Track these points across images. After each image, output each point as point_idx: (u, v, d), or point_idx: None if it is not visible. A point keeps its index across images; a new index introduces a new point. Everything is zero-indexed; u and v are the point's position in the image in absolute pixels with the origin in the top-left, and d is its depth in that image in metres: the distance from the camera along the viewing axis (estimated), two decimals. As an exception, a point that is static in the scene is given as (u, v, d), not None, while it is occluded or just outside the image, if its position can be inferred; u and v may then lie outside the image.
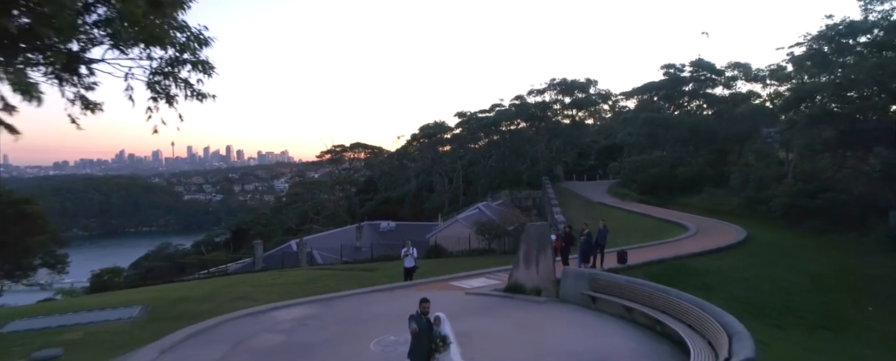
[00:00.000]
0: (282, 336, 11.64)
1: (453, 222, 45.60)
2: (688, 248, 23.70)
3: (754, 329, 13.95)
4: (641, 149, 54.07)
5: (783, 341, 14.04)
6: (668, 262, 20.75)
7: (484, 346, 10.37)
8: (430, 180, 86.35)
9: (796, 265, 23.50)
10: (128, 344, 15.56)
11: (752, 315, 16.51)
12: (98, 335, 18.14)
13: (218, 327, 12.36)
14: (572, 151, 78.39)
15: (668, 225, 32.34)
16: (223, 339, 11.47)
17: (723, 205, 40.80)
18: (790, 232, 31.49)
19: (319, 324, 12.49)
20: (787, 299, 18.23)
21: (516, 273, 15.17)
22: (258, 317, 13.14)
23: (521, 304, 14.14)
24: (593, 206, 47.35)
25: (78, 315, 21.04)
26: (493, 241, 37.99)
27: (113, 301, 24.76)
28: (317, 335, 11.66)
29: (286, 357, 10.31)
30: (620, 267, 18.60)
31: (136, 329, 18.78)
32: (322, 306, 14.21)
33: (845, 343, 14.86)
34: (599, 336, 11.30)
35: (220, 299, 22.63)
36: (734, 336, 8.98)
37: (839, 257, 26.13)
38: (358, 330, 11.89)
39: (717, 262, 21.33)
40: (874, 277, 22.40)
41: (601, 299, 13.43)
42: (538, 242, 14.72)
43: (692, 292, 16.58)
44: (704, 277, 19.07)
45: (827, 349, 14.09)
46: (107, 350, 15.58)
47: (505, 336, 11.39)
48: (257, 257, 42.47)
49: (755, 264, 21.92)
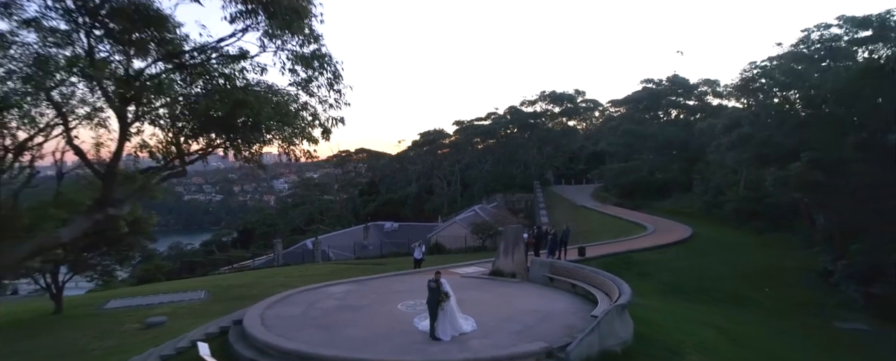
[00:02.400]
0: (336, 302, 17.27)
1: (452, 223, 51.26)
2: (640, 244, 29.46)
3: (670, 302, 19.95)
4: (622, 158, 59.88)
5: (686, 309, 19.75)
6: (621, 255, 26.49)
7: (474, 308, 15.92)
8: (429, 183, 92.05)
9: (728, 258, 29.22)
10: (209, 315, 21.21)
11: (673, 294, 22.31)
12: (181, 309, 23.86)
13: (291, 297, 17.97)
14: (563, 157, 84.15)
15: (633, 225, 38.06)
16: (298, 303, 17.08)
17: (687, 208, 46.65)
18: (737, 232, 37.27)
19: (360, 295, 18.13)
20: (704, 283, 23.95)
21: (498, 261, 20.87)
22: (316, 291, 18.79)
23: (500, 283, 19.80)
24: (577, 209, 53.10)
25: (157, 297, 26.76)
26: (487, 240, 43.61)
27: (176, 288, 30.46)
28: (360, 300, 17.30)
29: (344, 313, 15.92)
30: (580, 258, 24.34)
31: (209, 306, 24.50)
32: (358, 284, 19.88)
33: (731, 311, 20.54)
34: (550, 302, 16.92)
35: (263, 286, 28.30)
36: (623, 293, 14.68)
37: (768, 252, 31.86)
38: (388, 298, 17.51)
39: (658, 255, 27.09)
40: (786, 268, 28.11)
41: (556, 279, 19.11)
42: (513, 239, 20.42)
43: (631, 277, 22.52)
44: (644, 266, 24.81)
45: (705, 309, 19.80)
46: (195, 319, 21.26)
47: (488, 302, 16.96)
48: (277, 254, 47.92)
49: (689, 257, 27.66)
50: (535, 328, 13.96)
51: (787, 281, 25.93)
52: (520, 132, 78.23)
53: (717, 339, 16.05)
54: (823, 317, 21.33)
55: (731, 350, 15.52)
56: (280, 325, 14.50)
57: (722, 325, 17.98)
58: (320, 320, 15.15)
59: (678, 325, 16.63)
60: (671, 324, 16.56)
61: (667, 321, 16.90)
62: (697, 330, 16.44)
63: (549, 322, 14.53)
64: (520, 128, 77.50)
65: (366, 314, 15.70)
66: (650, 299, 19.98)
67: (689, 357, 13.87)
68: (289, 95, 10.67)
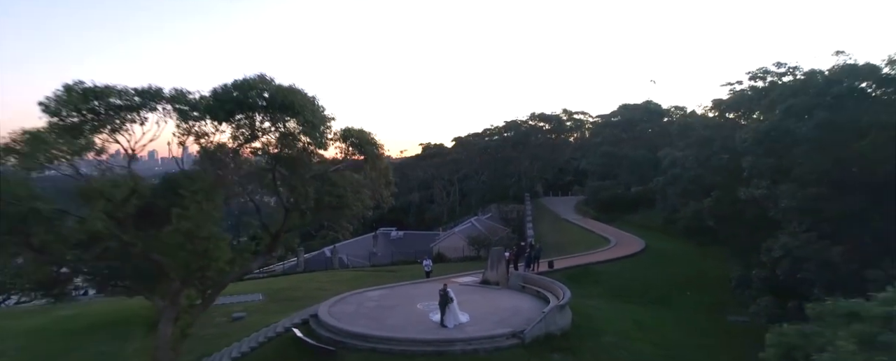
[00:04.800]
0: (375, 302, 25.24)
1: (452, 234, 59.25)
2: (600, 257, 37.51)
3: (610, 303, 27.95)
4: (600, 176, 68.13)
5: (619, 308, 27.80)
6: (582, 267, 34.52)
7: (469, 306, 23.81)
8: (430, 193, 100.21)
9: (668, 268, 37.23)
10: (275, 312, 29.12)
11: (614, 297, 30.33)
12: (251, 307, 31.55)
13: (345, 298, 25.94)
14: (552, 170, 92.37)
15: (600, 239, 46.14)
16: (350, 303, 25.04)
17: (652, 223, 54.76)
18: (685, 244, 45.29)
19: (391, 298, 26.12)
20: (641, 288, 31.97)
21: (486, 273, 28.89)
22: (360, 294, 26.79)
23: (487, 289, 27.77)
24: (560, 222, 61.23)
25: (223, 298, 34.11)
26: (481, 250, 51.57)
27: (232, 291, 38.25)
28: (391, 301, 25.27)
29: (382, 310, 23.84)
30: (549, 270, 32.35)
31: (269, 305, 32.29)
32: (389, 290, 27.92)
33: (654, 309, 28.55)
34: (520, 302, 24.86)
35: (305, 290, 36.19)
36: (566, 297, 22.73)
37: (703, 263, 39.88)
38: (410, 300, 25.44)
39: (612, 267, 35.16)
40: (711, 276, 36.11)
41: (526, 287, 27.10)
42: (497, 258, 28.47)
43: (586, 284, 30.59)
44: (598, 276, 32.87)
45: (633, 308, 27.81)
46: (265, 315, 29.08)
47: (478, 302, 24.87)
48: (300, 260, 55.65)
49: (636, 268, 35.70)
50: (508, 319, 21.96)
51: (708, 287, 33.94)
52: (513, 149, 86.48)
53: (631, 328, 24.09)
54: (721, 314, 29.35)
55: (638, 334, 23.53)
56: (343, 317, 22.51)
57: (640, 319, 26.01)
58: (368, 314, 23.18)
59: (607, 318, 24.66)
60: (602, 317, 24.58)
61: (600, 315, 24.93)
62: (619, 322, 24.48)
63: (518, 315, 22.53)
64: (512, 145, 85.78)
65: (397, 310, 23.72)
66: (595, 301, 27.99)
67: (604, 338, 21.90)
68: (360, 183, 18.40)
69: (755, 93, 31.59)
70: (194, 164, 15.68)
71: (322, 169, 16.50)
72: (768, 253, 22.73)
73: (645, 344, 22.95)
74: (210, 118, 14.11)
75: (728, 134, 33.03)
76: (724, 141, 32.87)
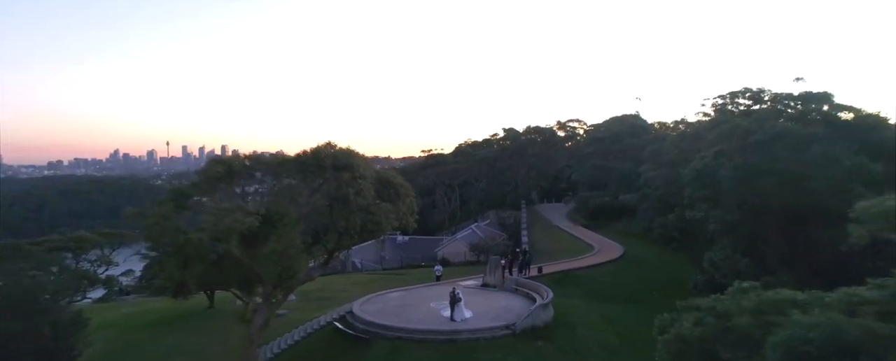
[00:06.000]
0: (397, 302, 31.42)
1: (454, 240, 65.40)
2: (583, 263, 43.72)
3: (585, 302, 34.32)
4: (589, 186, 74.49)
5: (593, 306, 34.01)
6: (566, 271, 40.71)
7: (472, 305, 29.89)
8: (432, 198, 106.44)
9: (642, 272, 43.43)
10: (312, 310, 35.22)
11: (590, 297, 36.53)
12: (288, 306, 37.64)
13: (371, 299, 32.11)
14: (547, 178, 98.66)
15: (585, 246, 52.36)
16: (375, 302, 31.20)
17: (635, 230, 60.99)
18: (661, 250, 51.54)
19: (409, 298, 32.29)
20: (615, 290, 38.13)
21: (485, 277, 35.11)
22: (383, 295, 32.99)
23: (487, 291, 33.95)
24: (552, 229, 67.47)
25: (265, 298, 40.66)
26: (481, 255, 57.68)
27: (269, 292, 44.48)
28: (410, 300, 31.44)
29: (403, 308, 29.98)
30: (538, 275, 38.55)
31: (303, 305, 38.35)
32: (407, 291, 34.14)
33: (624, 307, 34.72)
34: (513, 301, 31.00)
35: (332, 291, 42.39)
36: (549, 297, 28.95)
37: (675, 267, 46.02)
38: (425, 300, 31.57)
39: (591, 271, 41.39)
40: (680, 278, 42.26)
41: (519, 289, 33.27)
42: (495, 264, 34.73)
43: (568, 286, 36.85)
44: (579, 280, 39.08)
45: (606, 306, 34.00)
46: (303, 312, 35.16)
47: (479, 302, 30.99)
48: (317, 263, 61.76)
49: (613, 272, 41.90)
50: (503, 315, 28.14)
51: (674, 288, 39.97)
52: (510, 159, 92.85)
53: (600, 321, 30.32)
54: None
55: (606, 326, 29.75)
56: (372, 312, 28.68)
57: (610, 315, 32.23)
58: (392, 311, 29.37)
59: (581, 314, 30.87)
60: (577, 314, 30.80)
61: (576, 312, 31.15)
62: (590, 317, 30.71)
63: (510, 312, 28.72)
64: (510, 155, 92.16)
65: (415, 308, 29.92)
66: (574, 300, 34.16)
67: (578, 329, 28.14)
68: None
69: (710, 122, 37.84)
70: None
71: (364, 203, 22.66)
72: (708, 262, 28.98)
73: (611, 335, 29.21)
74: (295, 175, 20.32)
75: (691, 158, 39.35)
76: (687, 165, 39.14)
